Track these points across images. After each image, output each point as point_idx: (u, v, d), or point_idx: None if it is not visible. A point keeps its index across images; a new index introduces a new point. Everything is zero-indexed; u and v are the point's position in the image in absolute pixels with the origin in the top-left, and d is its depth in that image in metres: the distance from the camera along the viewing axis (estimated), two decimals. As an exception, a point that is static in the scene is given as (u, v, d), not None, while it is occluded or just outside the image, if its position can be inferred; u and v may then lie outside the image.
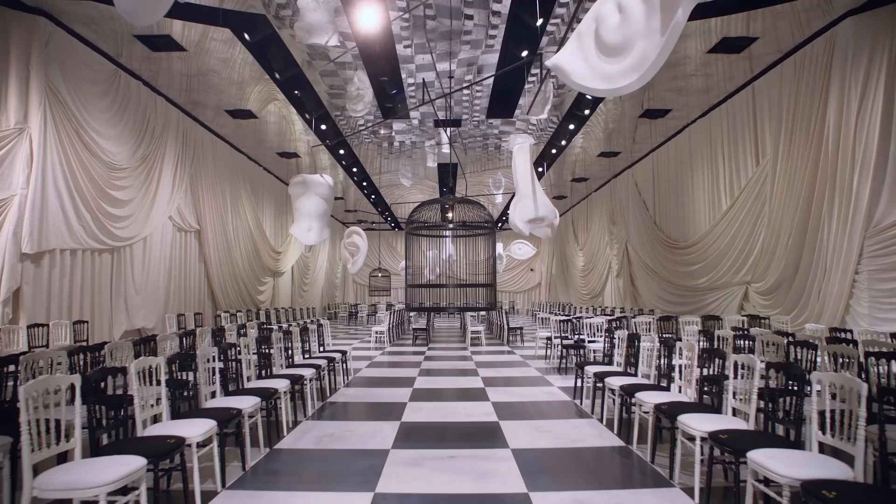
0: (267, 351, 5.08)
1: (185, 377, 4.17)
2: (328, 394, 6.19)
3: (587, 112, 10.74)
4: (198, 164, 11.21)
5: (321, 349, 7.05)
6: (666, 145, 12.62)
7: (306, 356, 6.42)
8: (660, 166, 13.06)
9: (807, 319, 7.95)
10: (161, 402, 3.20)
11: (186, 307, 10.91)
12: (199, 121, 11.14)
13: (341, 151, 12.95)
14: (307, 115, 10.74)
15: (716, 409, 3.43)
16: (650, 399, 3.76)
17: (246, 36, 8.01)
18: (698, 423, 3.03)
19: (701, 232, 11.14)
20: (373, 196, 17.75)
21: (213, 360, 4.01)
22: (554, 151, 13.02)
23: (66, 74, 7.43)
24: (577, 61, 4.17)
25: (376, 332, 11.67)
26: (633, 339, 5.03)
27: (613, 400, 4.87)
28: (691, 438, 3.09)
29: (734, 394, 3.27)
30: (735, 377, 3.34)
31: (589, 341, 7.78)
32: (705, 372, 3.99)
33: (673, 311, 11.91)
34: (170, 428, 2.96)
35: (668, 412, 3.41)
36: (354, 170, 14.56)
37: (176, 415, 3.34)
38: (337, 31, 8.43)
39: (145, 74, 9.13)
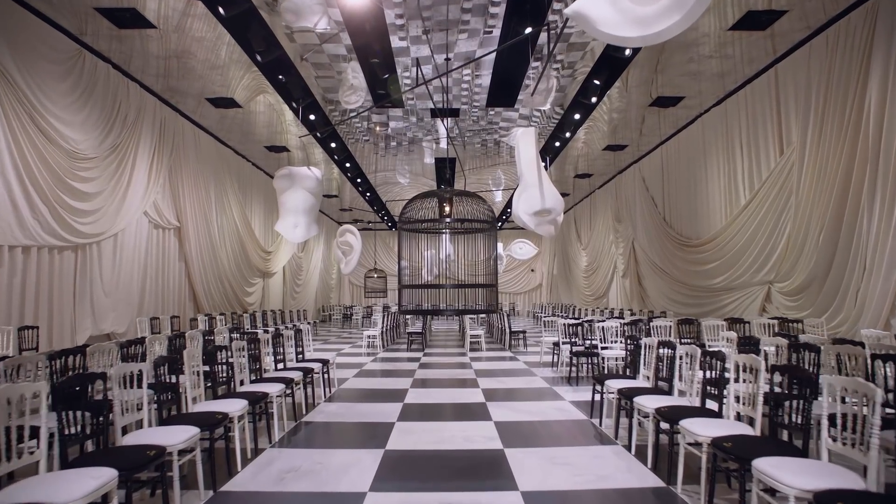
0: (224, 363, 4.15)
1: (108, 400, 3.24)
2: (304, 411, 5.26)
3: (594, 100, 9.82)
4: (177, 157, 10.28)
5: (299, 358, 6.12)
6: (676, 137, 11.72)
7: (280, 367, 5.49)
8: (669, 160, 12.15)
9: (843, 322, 7.03)
10: (41, 446, 2.27)
11: (164, 310, 9.98)
12: (178, 110, 10.22)
13: (333, 145, 12.03)
14: (294, 104, 9.83)
15: (801, 450, 2.51)
16: (704, 430, 2.83)
17: (220, 10, 7.09)
18: (794, 477, 2.09)
19: (716, 228, 10.22)
20: (368, 194, 16.83)
21: (142, 380, 3.09)
22: (557, 144, 12.11)
23: (16, 51, 6.50)
24: (602, 5, 3.28)
25: (368, 337, 10.72)
26: (666, 349, 4.10)
27: (640, 422, 3.95)
28: (777, 493, 2.18)
29: (831, 432, 2.35)
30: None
31: (602, 348, 6.86)
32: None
33: (685, 313, 10.99)
34: (41, 487, 2.03)
35: (735, 452, 2.48)
36: (348, 165, 13.64)
37: (65, 462, 2.40)
38: (326, 13, 7.59)
39: (115, 56, 8.21)
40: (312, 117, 10.40)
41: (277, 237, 14.91)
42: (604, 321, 7.71)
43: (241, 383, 4.44)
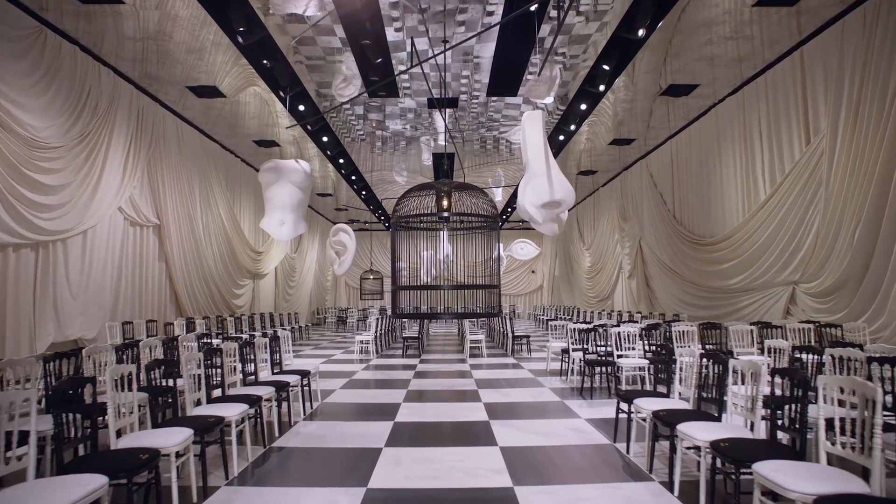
0: (171, 380, 3.32)
1: None
2: (277, 433, 4.43)
3: (602, 88, 9.02)
4: (157, 150, 9.46)
5: (275, 370, 5.28)
6: (687, 130, 10.93)
7: (250, 379, 4.67)
8: (679, 154, 11.36)
9: (885, 326, 6.22)
10: None
11: (142, 313, 9.14)
12: (157, 99, 9.40)
13: (325, 139, 11.22)
14: (282, 93, 9.03)
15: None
16: (801, 485, 2.01)
17: (193, -19, 6.32)
18: None
19: (733, 226, 9.41)
20: (363, 192, 16.02)
21: (29, 412, 2.26)
22: (562, 138, 11.31)
23: (-40, 22, 5.72)
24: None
25: (361, 342, 9.87)
26: (716, 364, 3.27)
27: (684, 453, 3.13)
28: None
29: None
30: None
31: (618, 356, 6.04)
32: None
33: (699, 316, 10.19)
34: None
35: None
36: (341, 161, 12.83)
37: None
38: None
39: (83, 37, 7.40)
40: (302, 108, 9.60)
41: (269, 237, 14.09)
42: (617, 326, 6.89)
43: (196, 404, 3.62)
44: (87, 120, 7.66)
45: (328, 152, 11.99)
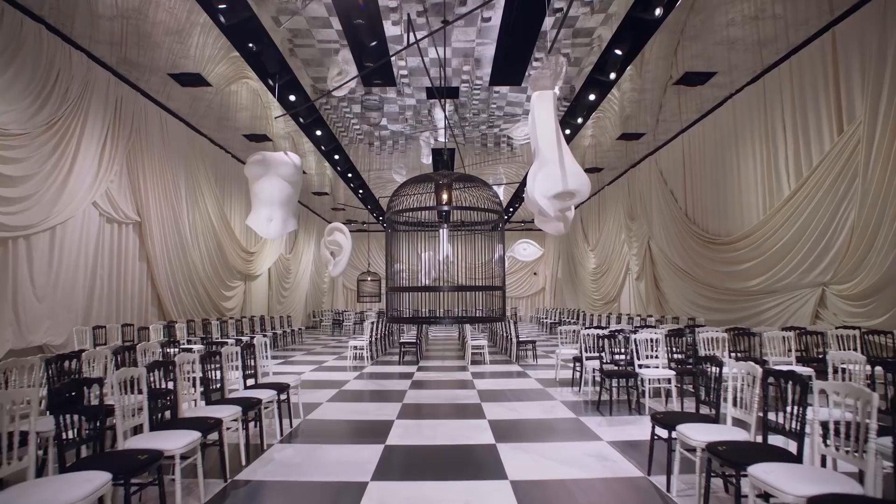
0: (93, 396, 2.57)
1: None
2: (245, 460, 3.67)
3: (613, 76, 8.29)
4: (138, 142, 8.73)
5: (247, 383, 4.52)
6: (700, 123, 10.20)
7: (215, 396, 3.91)
8: (692, 149, 10.62)
9: (937, 333, 5.48)
10: None
11: (120, 317, 8.38)
12: (139, 88, 8.67)
13: (318, 133, 10.50)
14: (270, 81, 8.30)
15: None
16: None
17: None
18: None
19: (752, 223, 8.66)
20: (361, 191, 15.29)
21: None
22: (568, 132, 10.57)
23: None
24: None
25: (354, 348, 9.10)
26: (792, 384, 2.51)
27: (729, 485, 2.37)
28: None
29: None
30: None
31: (639, 365, 5.28)
32: None
33: (715, 320, 9.43)
34: None
35: None
36: (336, 157, 12.10)
37: None
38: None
39: (50, 15, 6.65)
40: (293, 98, 8.87)
41: (262, 237, 13.34)
42: (635, 331, 6.13)
43: (129, 433, 2.87)
44: (56, 106, 6.93)
45: (322, 147, 11.26)
